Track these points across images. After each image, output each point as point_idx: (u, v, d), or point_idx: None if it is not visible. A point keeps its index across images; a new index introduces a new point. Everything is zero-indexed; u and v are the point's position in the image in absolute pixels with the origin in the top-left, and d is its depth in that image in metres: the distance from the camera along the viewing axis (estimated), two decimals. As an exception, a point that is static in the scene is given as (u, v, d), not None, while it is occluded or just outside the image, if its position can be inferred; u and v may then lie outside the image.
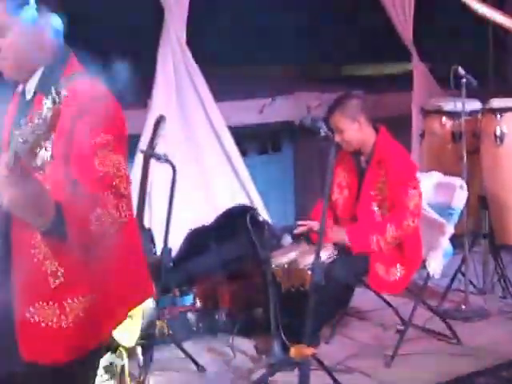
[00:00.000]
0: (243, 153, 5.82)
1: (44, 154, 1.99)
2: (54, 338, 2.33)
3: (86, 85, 2.32)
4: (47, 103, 1.94)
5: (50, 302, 2.32)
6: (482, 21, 5.66)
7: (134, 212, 2.67)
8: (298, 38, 7.76)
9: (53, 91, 1.96)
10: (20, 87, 2.49)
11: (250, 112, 6.26)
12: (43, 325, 2.32)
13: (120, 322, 2.51)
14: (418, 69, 6.51)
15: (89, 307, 2.33)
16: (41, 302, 2.32)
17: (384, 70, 8.28)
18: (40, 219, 2.15)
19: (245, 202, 5.44)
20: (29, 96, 2.42)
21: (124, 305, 2.47)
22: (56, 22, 2.41)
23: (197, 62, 5.56)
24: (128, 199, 2.29)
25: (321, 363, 3.95)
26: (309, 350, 3.73)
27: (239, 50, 7.40)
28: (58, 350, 2.34)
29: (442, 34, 7.70)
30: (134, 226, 2.53)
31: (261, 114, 6.27)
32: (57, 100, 1.94)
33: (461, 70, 4.86)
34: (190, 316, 4.76)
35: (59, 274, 2.31)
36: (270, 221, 5.31)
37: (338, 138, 4.26)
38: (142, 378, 3.97)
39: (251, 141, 6.29)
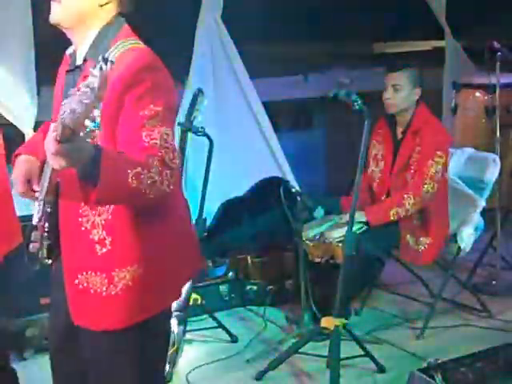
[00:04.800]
0: (276, 127, 5.85)
1: (91, 124, 1.92)
2: (103, 305, 2.32)
3: (138, 53, 2.26)
4: (94, 71, 1.88)
5: (98, 271, 2.31)
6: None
7: (183, 188, 2.60)
8: (331, 13, 7.71)
9: (100, 58, 1.90)
10: (71, 49, 2.46)
11: (284, 88, 6.28)
12: (92, 291, 2.32)
13: (175, 298, 2.49)
14: (450, 45, 6.48)
15: (138, 277, 2.31)
16: (89, 271, 2.32)
17: (416, 46, 8.22)
18: (78, 162, 2.02)
19: (277, 174, 5.48)
20: (79, 61, 2.37)
21: (176, 279, 2.44)
22: None
23: (232, 37, 5.59)
24: (174, 170, 2.18)
25: (351, 334, 3.98)
26: (339, 321, 3.79)
27: (273, 25, 7.39)
28: (107, 317, 2.33)
29: (476, 8, 7.63)
30: (183, 200, 2.51)
31: (294, 90, 6.29)
32: (104, 67, 1.88)
33: (495, 44, 4.85)
34: (223, 287, 4.82)
35: (107, 242, 2.30)
36: (301, 193, 5.33)
37: (388, 95, 4.36)
38: (176, 347, 4.04)
39: (284, 116, 6.32)
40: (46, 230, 2.40)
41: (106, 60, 1.90)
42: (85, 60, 2.34)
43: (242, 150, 5.49)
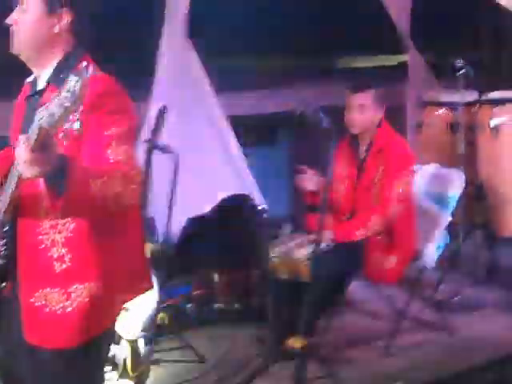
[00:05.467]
0: (241, 143, 5.84)
1: (72, 125, 2.10)
2: (56, 323, 2.37)
3: (98, 79, 2.35)
4: (73, 79, 1.97)
5: (57, 287, 2.36)
6: (479, 10, 5.67)
7: (141, 204, 2.72)
8: (296, 27, 7.74)
9: (81, 67, 2.03)
10: (31, 77, 2.55)
11: (248, 102, 6.27)
12: (47, 310, 2.37)
13: (119, 311, 2.55)
14: (413, 60, 6.53)
15: (93, 294, 2.37)
16: (47, 288, 2.37)
17: (380, 60, 8.28)
18: (44, 168, 2.10)
19: (243, 191, 5.46)
20: (41, 85, 2.46)
21: (125, 294, 2.51)
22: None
23: (196, 51, 5.57)
24: (137, 186, 2.30)
25: (317, 353, 3.98)
26: (305, 340, 3.78)
27: (238, 38, 7.39)
28: (59, 335, 2.38)
29: (438, 23, 7.70)
30: (139, 217, 2.57)
31: (259, 104, 6.28)
32: (85, 74, 1.98)
33: (459, 62, 4.89)
34: (189, 305, 4.79)
35: (66, 259, 2.36)
36: (267, 210, 5.33)
37: (353, 116, 4.34)
38: (143, 369, 4.00)
39: (249, 131, 6.30)
40: (3, 249, 2.45)
41: (87, 68, 2.02)
42: (46, 86, 2.44)
43: (207, 166, 5.47)
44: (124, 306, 2.56)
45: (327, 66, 8.00)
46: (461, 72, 4.91)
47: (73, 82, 1.96)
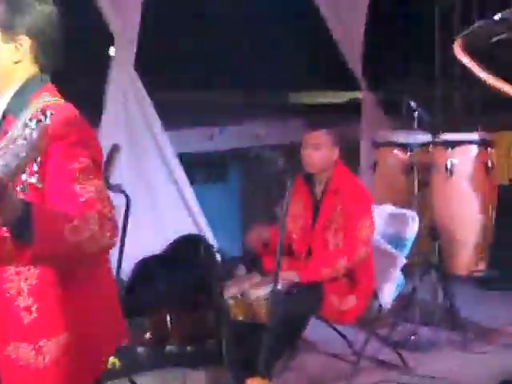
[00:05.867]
0: (191, 180, 5.80)
1: (32, 179, 1.93)
2: (32, 378, 2.24)
3: (61, 107, 2.21)
4: (31, 124, 1.82)
5: (25, 342, 2.22)
6: (431, 49, 5.73)
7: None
8: (246, 63, 7.77)
9: (38, 110, 1.88)
10: None
11: (199, 140, 6.24)
12: (21, 363, 2.23)
13: (99, 371, 2.39)
14: (366, 98, 6.59)
15: (67, 347, 2.22)
16: (17, 341, 2.23)
17: (333, 97, 8.35)
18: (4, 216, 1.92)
19: (194, 230, 5.41)
20: None
21: (101, 351, 2.36)
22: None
23: (146, 87, 5.53)
24: (114, 222, 2.11)
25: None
26: (265, 381, 3.71)
27: (189, 75, 7.40)
28: None
29: (390, 62, 7.81)
30: (109, 263, 2.45)
31: (209, 142, 6.25)
32: (44, 119, 1.83)
33: (413, 104, 4.94)
34: (141, 348, 4.68)
35: (33, 309, 2.21)
36: (220, 250, 5.27)
37: (308, 154, 4.31)
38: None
39: (199, 169, 6.26)
40: None
41: (44, 111, 1.85)
42: (3, 116, 2.27)
43: (158, 205, 5.40)
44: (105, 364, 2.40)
45: (279, 103, 8.04)
46: (414, 113, 4.95)
47: (29, 129, 1.81)
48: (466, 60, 1.31)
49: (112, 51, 5.54)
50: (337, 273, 4.25)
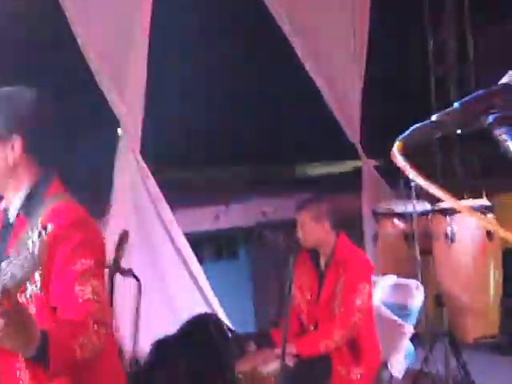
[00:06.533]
0: (200, 260, 5.87)
1: (32, 287, 2.05)
2: None
3: (67, 209, 2.33)
4: (33, 236, 1.93)
5: None
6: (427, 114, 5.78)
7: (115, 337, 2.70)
8: (248, 139, 7.84)
9: (39, 225, 1.96)
10: (3, 204, 2.48)
11: (206, 219, 6.34)
12: None
13: None
14: (366, 168, 6.67)
15: None
16: None
17: (336, 168, 8.39)
18: (25, 348, 2.11)
19: (205, 309, 5.48)
20: (11, 219, 2.41)
21: None
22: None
23: (151, 166, 5.64)
24: (107, 325, 2.29)
25: None
26: None
27: (190, 154, 7.46)
28: None
29: (387, 130, 7.82)
30: (115, 349, 2.58)
31: (216, 220, 6.35)
32: (43, 234, 1.94)
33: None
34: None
35: None
36: (231, 328, 5.35)
37: (300, 234, 4.42)
38: None
39: (208, 247, 6.35)
40: None
41: (44, 227, 1.95)
42: (17, 215, 2.39)
43: (169, 286, 5.48)
44: None
45: (283, 177, 8.09)
46: (412, 183, 5.05)
47: (31, 242, 1.93)
48: (401, 163, 1.39)
49: (120, 132, 5.69)
50: (336, 344, 4.30)
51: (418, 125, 1.45)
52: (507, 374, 5.49)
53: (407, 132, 1.44)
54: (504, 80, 1.42)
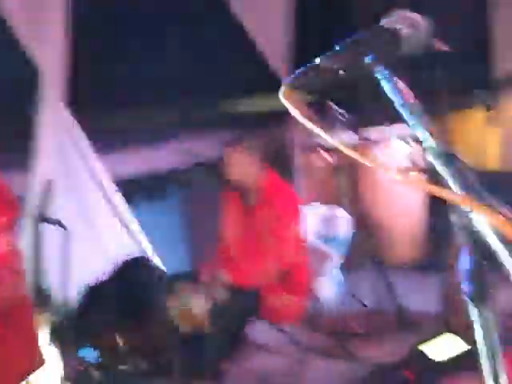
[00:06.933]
0: (129, 202, 5.84)
1: None
2: None
3: None
4: None
5: None
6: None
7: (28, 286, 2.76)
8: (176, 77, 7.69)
9: None
10: None
11: (132, 161, 6.29)
12: None
13: None
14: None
15: None
16: None
17: (264, 103, 8.32)
18: None
19: (136, 251, 5.48)
20: None
21: (15, 374, 2.53)
22: None
23: (75, 112, 5.56)
24: (22, 275, 2.39)
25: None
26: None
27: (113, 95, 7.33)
28: None
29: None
30: (28, 300, 2.61)
31: (143, 162, 6.30)
32: None
33: (334, 106, 5.08)
34: (96, 372, 4.74)
35: None
36: (162, 267, 5.37)
37: (230, 172, 4.42)
38: None
39: (136, 190, 6.30)
40: None
41: None
42: None
43: (100, 233, 5.46)
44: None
45: (210, 115, 7.99)
46: (338, 115, 5.08)
47: None
48: (291, 110, 1.40)
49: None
50: (267, 274, 4.38)
51: (302, 69, 1.46)
52: (431, 292, 5.59)
53: (291, 76, 1.45)
54: (381, 23, 1.45)
